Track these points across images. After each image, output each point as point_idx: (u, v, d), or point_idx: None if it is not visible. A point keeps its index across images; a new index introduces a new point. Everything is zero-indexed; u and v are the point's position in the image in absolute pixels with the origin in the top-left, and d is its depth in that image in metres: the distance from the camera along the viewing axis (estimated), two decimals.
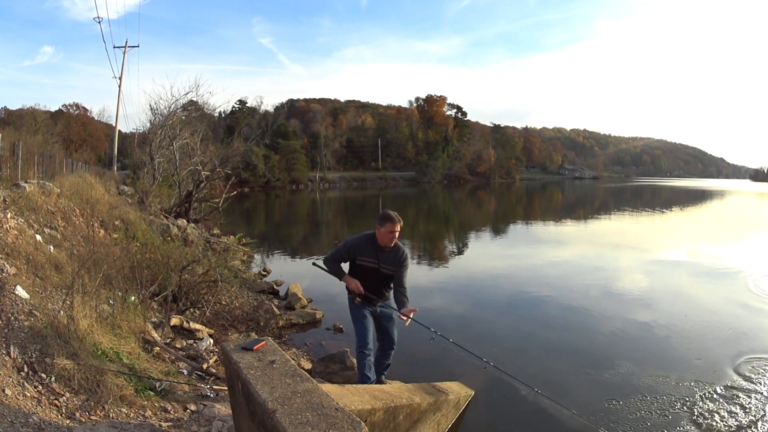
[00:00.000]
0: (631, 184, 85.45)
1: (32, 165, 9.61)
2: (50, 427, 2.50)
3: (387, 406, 2.70)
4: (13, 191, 5.76)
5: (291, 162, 56.41)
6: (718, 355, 5.04)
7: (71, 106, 55.03)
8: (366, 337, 3.62)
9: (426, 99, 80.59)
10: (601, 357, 5.02)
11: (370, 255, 3.65)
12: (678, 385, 4.29)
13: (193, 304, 5.84)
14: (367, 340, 3.62)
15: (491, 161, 74.91)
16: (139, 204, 11.29)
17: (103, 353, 3.31)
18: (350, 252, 3.71)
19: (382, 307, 3.76)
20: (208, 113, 25.75)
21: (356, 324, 3.71)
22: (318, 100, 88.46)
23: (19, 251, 4.19)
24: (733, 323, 6.15)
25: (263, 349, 2.37)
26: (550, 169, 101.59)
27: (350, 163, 72.09)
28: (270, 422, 1.77)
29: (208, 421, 3.00)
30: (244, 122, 58.35)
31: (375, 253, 3.64)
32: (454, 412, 3.72)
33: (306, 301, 7.00)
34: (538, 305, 7.23)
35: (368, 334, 3.65)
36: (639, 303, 7.21)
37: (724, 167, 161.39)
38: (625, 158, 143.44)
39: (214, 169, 15.17)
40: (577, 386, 4.37)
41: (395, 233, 3.56)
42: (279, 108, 76.45)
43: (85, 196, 7.73)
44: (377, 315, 3.77)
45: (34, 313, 3.33)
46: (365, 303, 3.72)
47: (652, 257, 11.39)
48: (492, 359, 3.73)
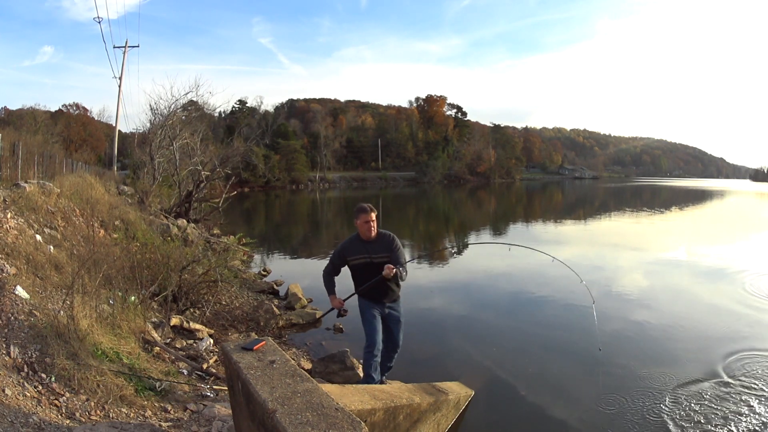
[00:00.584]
0: (631, 184, 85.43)
1: (32, 165, 9.61)
2: (50, 427, 2.50)
3: (387, 406, 2.70)
4: (13, 191, 5.76)
5: (291, 162, 56.43)
6: (716, 354, 5.03)
7: (71, 106, 55.09)
8: (376, 337, 3.63)
9: (426, 99, 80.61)
10: (600, 357, 5.02)
11: (358, 252, 3.68)
12: (677, 385, 4.28)
13: (193, 304, 5.84)
14: (377, 340, 3.62)
15: (491, 161, 74.93)
16: (139, 204, 11.29)
17: (103, 353, 3.31)
18: (341, 256, 3.75)
19: (390, 309, 3.79)
20: (208, 113, 25.78)
21: (366, 325, 3.73)
22: (318, 100, 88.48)
23: (19, 251, 4.19)
24: (729, 323, 6.16)
25: (263, 349, 2.37)
26: (550, 169, 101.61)
27: (350, 163, 72.11)
28: (270, 422, 1.77)
29: (208, 421, 3.00)
30: (244, 122, 58.38)
31: (363, 247, 3.67)
32: (454, 412, 3.72)
33: (306, 301, 7.00)
34: (538, 305, 7.23)
35: (378, 335, 3.65)
36: (637, 303, 7.21)
37: (724, 167, 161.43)
38: (625, 158, 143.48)
39: (214, 169, 15.17)
40: (576, 386, 4.37)
41: (370, 222, 3.60)
42: (279, 108, 76.53)
43: (85, 196, 7.73)
44: (385, 316, 3.79)
45: (34, 313, 3.34)
46: (374, 303, 3.73)
47: (651, 257, 11.39)
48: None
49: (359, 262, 3.68)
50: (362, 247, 3.68)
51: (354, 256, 3.70)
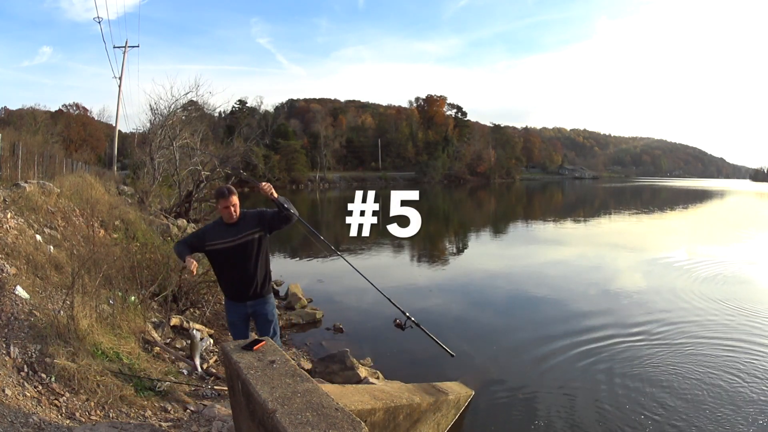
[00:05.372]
0: (631, 184, 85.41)
1: (32, 165, 9.62)
2: (50, 427, 2.50)
3: (387, 406, 2.70)
4: (13, 191, 5.77)
5: (291, 162, 56.46)
6: (714, 352, 5.04)
7: (71, 106, 55.03)
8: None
9: (426, 99, 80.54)
10: (600, 357, 5.02)
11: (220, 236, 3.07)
12: (677, 384, 4.29)
13: (193, 304, 5.84)
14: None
15: (491, 161, 74.88)
16: (139, 204, 11.30)
17: (103, 353, 3.31)
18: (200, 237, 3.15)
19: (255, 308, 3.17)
20: (208, 113, 25.82)
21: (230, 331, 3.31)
22: (318, 100, 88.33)
23: (19, 251, 4.19)
24: (727, 322, 6.16)
25: (263, 349, 2.37)
26: (550, 169, 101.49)
27: (350, 163, 72.07)
28: (270, 422, 1.77)
29: (208, 421, 3.00)
30: (244, 122, 58.39)
31: (226, 231, 3.08)
32: (454, 412, 3.72)
33: (306, 301, 7.00)
34: (537, 305, 7.23)
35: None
36: (636, 303, 7.21)
37: (724, 167, 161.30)
38: (625, 158, 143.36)
39: (214, 169, 15.18)
40: (577, 386, 4.37)
41: (230, 207, 3.03)
42: (279, 108, 76.47)
43: (85, 196, 7.73)
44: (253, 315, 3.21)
45: (34, 313, 3.34)
46: (236, 303, 3.17)
47: (650, 258, 11.38)
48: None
49: (219, 247, 3.06)
50: (224, 231, 3.07)
51: (213, 241, 3.07)
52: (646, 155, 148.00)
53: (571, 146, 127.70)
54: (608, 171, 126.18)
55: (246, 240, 3.07)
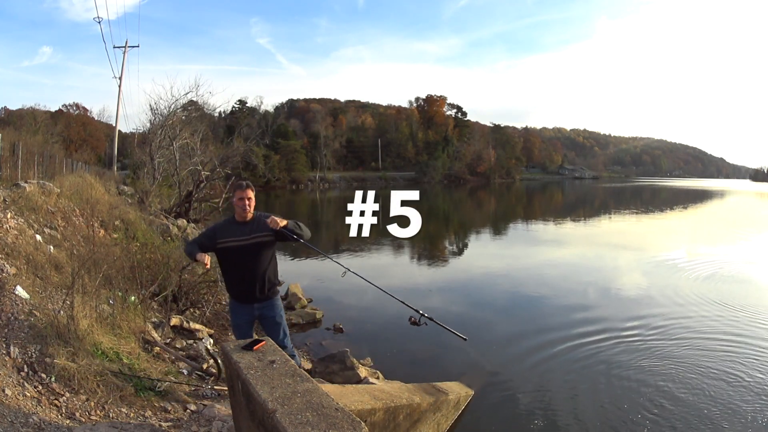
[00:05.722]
0: (631, 184, 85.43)
1: (32, 165, 9.62)
2: (50, 427, 2.50)
3: (387, 406, 2.70)
4: (13, 191, 5.77)
5: (291, 162, 56.46)
6: (715, 352, 5.04)
7: (71, 106, 55.04)
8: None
9: (426, 99, 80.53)
10: (600, 356, 5.02)
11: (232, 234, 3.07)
12: (677, 384, 4.29)
13: (193, 304, 5.84)
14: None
15: (491, 161, 74.87)
16: (139, 204, 11.30)
17: (103, 353, 3.31)
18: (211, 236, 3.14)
19: (262, 310, 3.17)
20: (208, 113, 25.81)
21: (234, 333, 3.29)
22: (318, 100, 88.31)
23: (19, 251, 4.19)
24: (727, 322, 6.16)
25: (263, 349, 2.37)
26: (550, 169, 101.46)
27: (350, 163, 72.07)
28: (270, 422, 1.77)
29: (208, 421, 3.00)
30: (244, 122, 58.35)
31: (237, 229, 3.09)
32: (454, 412, 3.72)
33: (306, 301, 6.99)
34: (537, 305, 7.23)
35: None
36: (636, 303, 7.22)
37: (724, 167, 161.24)
38: (625, 158, 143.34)
39: (214, 169, 15.18)
40: (576, 385, 4.37)
41: (245, 199, 3.05)
42: (279, 108, 76.49)
43: (85, 196, 7.73)
44: (259, 318, 3.21)
45: (34, 313, 3.34)
46: (242, 304, 3.16)
47: (650, 258, 11.37)
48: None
49: (230, 245, 3.06)
50: (236, 229, 3.08)
51: (225, 239, 3.06)
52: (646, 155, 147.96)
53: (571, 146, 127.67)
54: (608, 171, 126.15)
55: (257, 241, 3.07)
